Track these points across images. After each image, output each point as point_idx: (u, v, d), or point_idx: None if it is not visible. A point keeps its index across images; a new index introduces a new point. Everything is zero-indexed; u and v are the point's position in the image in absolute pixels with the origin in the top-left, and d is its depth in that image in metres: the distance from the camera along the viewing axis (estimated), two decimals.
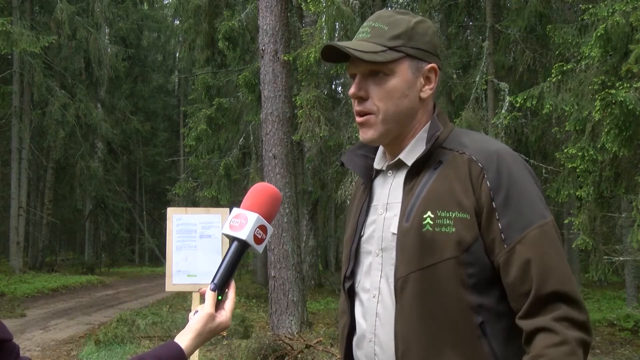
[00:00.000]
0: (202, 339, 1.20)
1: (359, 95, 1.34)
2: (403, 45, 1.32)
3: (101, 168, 22.24)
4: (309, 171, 13.13)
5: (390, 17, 1.35)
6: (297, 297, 7.67)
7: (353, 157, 1.49)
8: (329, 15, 7.58)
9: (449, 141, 1.34)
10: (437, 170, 1.30)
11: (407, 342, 1.25)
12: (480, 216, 1.23)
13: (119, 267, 24.84)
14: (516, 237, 1.21)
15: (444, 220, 1.24)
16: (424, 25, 1.36)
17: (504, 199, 1.22)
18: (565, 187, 7.27)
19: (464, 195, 1.25)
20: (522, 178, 1.26)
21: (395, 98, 1.32)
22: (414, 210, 1.28)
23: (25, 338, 8.52)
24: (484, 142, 1.32)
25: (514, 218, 1.22)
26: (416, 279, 1.25)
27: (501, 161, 1.26)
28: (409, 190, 1.32)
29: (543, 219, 1.22)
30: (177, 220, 3.98)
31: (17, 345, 1.19)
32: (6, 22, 12.14)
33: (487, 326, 1.23)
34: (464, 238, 1.23)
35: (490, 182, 1.24)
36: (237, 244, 1.25)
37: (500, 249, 1.22)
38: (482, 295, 1.24)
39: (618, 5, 6.17)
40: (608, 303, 12.23)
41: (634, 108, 5.40)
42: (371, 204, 1.42)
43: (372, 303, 1.35)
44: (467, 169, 1.27)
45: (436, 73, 1.37)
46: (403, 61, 1.32)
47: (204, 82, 12.24)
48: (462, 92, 9.84)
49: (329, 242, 23.09)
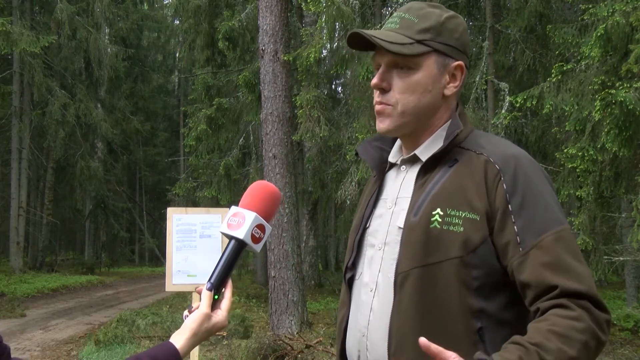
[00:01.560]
0: (198, 339, 1.19)
1: (382, 87, 1.32)
2: (431, 39, 1.29)
3: (101, 168, 22.23)
4: (309, 171, 13.13)
5: (421, 10, 1.32)
6: (297, 297, 7.66)
7: (368, 148, 1.46)
8: (329, 15, 7.58)
9: (468, 141, 1.32)
10: (451, 168, 1.28)
11: (401, 338, 1.23)
12: (493, 219, 1.21)
13: (119, 267, 24.83)
14: (532, 242, 1.18)
15: (453, 218, 1.22)
16: (455, 21, 1.33)
17: (520, 203, 1.20)
18: (565, 187, 7.27)
19: (476, 196, 1.22)
20: (539, 183, 1.24)
21: (418, 93, 1.30)
22: (424, 206, 1.26)
23: (25, 338, 8.52)
24: (503, 146, 1.30)
25: (530, 222, 1.19)
26: (418, 275, 1.23)
27: (519, 165, 1.24)
28: (421, 185, 1.30)
29: (560, 225, 1.20)
30: (177, 220, 3.98)
31: (8, 347, 1.18)
32: (6, 22, 12.15)
33: (486, 333, 1.20)
34: (472, 239, 1.20)
35: (506, 185, 1.21)
36: (234, 243, 1.23)
37: (515, 252, 1.19)
38: (485, 300, 1.21)
39: (618, 5, 6.17)
40: (608, 303, 12.16)
41: (634, 108, 5.40)
42: (380, 196, 1.40)
43: (369, 297, 1.33)
44: (483, 170, 1.24)
45: (462, 71, 1.34)
46: (430, 56, 1.29)
47: (204, 82, 12.25)
48: (462, 92, 9.80)
49: (329, 242, 23.08)
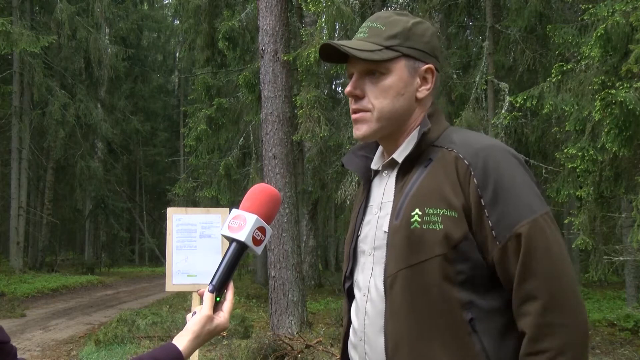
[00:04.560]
0: (200, 341, 1.20)
1: (355, 94, 1.36)
2: (399, 44, 1.33)
3: (101, 168, 22.24)
4: (309, 171, 13.13)
5: (388, 18, 1.37)
6: (297, 297, 7.67)
7: (353, 158, 1.50)
8: (329, 15, 7.59)
9: (441, 139, 1.34)
10: (427, 168, 1.30)
11: (397, 340, 1.25)
12: (470, 214, 1.23)
13: (119, 267, 24.83)
14: (506, 234, 1.20)
15: (431, 217, 1.24)
16: (422, 26, 1.37)
17: (491, 196, 1.21)
18: (565, 187, 7.28)
19: (452, 193, 1.24)
20: (510, 173, 1.24)
21: (391, 96, 1.33)
22: (403, 208, 1.28)
23: (25, 338, 8.52)
24: (473, 139, 1.31)
25: (503, 215, 1.21)
26: (405, 276, 1.25)
27: (488, 157, 1.25)
28: (400, 188, 1.33)
29: (532, 214, 1.20)
30: (177, 221, 3.98)
31: (15, 347, 1.19)
32: (6, 22, 12.14)
33: (478, 323, 1.22)
34: (452, 235, 1.22)
35: (477, 180, 1.23)
36: (235, 245, 1.24)
37: (493, 247, 1.21)
38: (472, 292, 1.23)
39: (618, 5, 6.17)
40: (608, 303, 12.22)
41: (634, 108, 5.40)
42: (368, 204, 1.44)
43: (363, 302, 1.36)
44: (454, 167, 1.26)
45: (433, 74, 1.37)
46: (399, 60, 1.33)
47: (204, 82, 12.23)
48: (462, 92, 9.83)
49: (329, 242, 23.09)
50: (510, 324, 1.23)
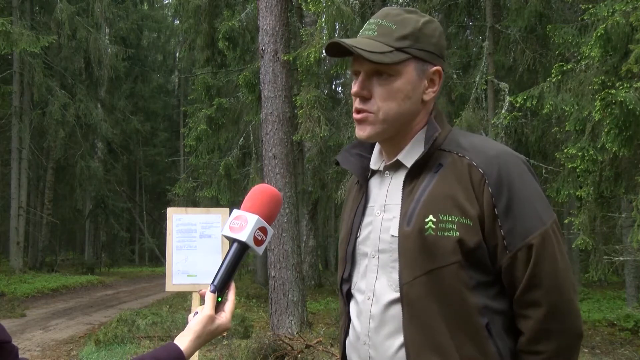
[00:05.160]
0: (202, 341, 1.20)
1: (362, 95, 1.32)
2: (410, 46, 1.30)
3: (101, 168, 22.25)
4: (309, 171, 13.13)
5: (398, 16, 1.33)
6: (297, 297, 7.67)
7: (348, 157, 1.47)
8: (329, 15, 7.58)
9: (447, 143, 1.33)
10: (437, 174, 1.29)
11: (419, 347, 1.24)
12: (484, 223, 1.24)
13: (119, 267, 24.83)
14: (518, 244, 1.22)
15: (446, 224, 1.24)
16: (431, 26, 1.34)
17: (505, 206, 1.23)
18: (565, 187, 7.28)
19: (467, 202, 1.24)
20: (522, 182, 1.25)
21: (399, 99, 1.31)
22: (415, 214, 1.27)
23: (25, 338, 8.52)
24: (484, 146, 1.30)
25: (515, 225, 1.23)
26: (423, 283, 1.24)
27: (502, 166, 1.25)
28: (409, 192, 1.31)
29: (543, 226, 1.23)
30: (177, 220, 3.97)
31: (16, 347, 1.19)
32: (6, 22, 12.13)
33: (492, 326, 1.24)
34: (467, 243, 1.22)
35: (491, 189, 1.23)
36: (237, 245, 1.25)
37: (503, 255, 1.23)
38: (485, 296, 1.25)
39: (618, 5, 6.17)
40: (608, 303, 12.22)
41: (634, 108, 5.40)
42: (367, 204, 1.41)
43: (367, 305, 1.34)
44: (468, 175, 1.26)
45: (440, 76, 1.35)
46: (409, 63, 1.30)
47: (204, 82, 12.23)
48: (462, 92, 9.83)
49: (329, 242, 23.08)
50: (511, 323, 1.27)
